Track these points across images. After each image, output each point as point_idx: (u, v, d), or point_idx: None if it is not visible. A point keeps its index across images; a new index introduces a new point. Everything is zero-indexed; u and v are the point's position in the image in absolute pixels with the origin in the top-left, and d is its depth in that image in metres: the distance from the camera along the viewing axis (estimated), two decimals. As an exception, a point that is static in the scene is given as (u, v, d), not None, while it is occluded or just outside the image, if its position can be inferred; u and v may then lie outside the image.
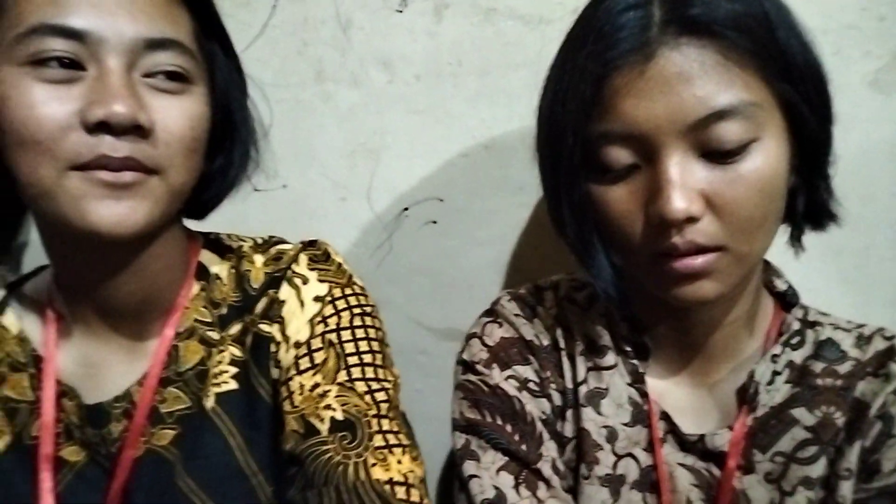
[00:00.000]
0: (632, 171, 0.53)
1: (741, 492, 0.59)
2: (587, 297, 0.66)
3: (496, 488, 0.58)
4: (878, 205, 0.77)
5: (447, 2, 0.83)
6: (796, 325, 0.62)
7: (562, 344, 0.64)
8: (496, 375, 0.62)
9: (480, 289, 0.86)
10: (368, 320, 0.62)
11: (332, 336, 0.60)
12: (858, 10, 0.75)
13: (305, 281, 0.62)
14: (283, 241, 0.66)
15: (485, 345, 0.64)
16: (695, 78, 0.49)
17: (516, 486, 0.58)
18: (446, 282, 0.88)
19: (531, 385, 0.62)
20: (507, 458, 0.59)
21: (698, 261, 0.52)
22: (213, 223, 0.66)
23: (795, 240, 0.59)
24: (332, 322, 0.61)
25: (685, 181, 0.50)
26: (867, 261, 0.78)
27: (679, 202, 0.50)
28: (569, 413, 0.63)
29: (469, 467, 0.59)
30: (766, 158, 0.51)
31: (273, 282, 0.62)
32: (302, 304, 0.61)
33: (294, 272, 0.62)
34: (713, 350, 0.61)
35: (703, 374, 0.62)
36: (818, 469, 0.58)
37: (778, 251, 0.59)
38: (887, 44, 0.74)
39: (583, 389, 0.62)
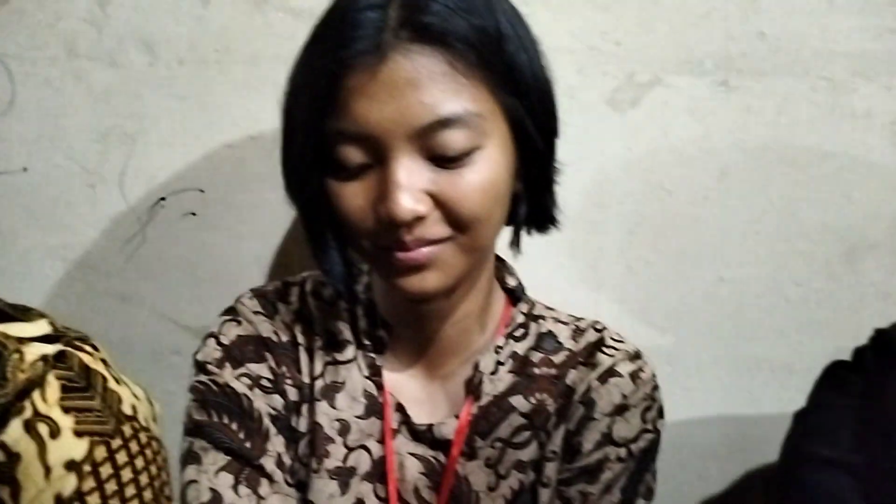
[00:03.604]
0: (365, 169, 0.53)
1: (463, 477, 0.62)
2: (332, 292, 0.67)
3: (213, 490, 0.56)
4: (610, 211, 0.85)
5: (214, -14, 0.80)
6: (520, 319, 0.66)
7: (301, 339, 0.64)
8: (227, 374, 0.61)
9: (242, 285, 0.82)
10: (145, 481, 0.49)
11: None
12: (599, 33, 0.82)
13: (55, 433, 0.44)
14: (25, 313, 0.47)
15: (220, 344, 0.62)
16: (423, 85, 0.50)
17: (235, 486, 0.56)
18: (206, 277, 0.84)
19: (263, 382, 0.61)
20: (229, 458, 0.58)
21: (422, 251, 0.53)
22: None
23: (514, 243, 0.62)
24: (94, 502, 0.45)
25: (412, 183, 0.51)
26: (599, 262, 0.86)
27: (405, 203, 0.51)
28: (304, 408, 0.63)
29: (189, 473, 0.58)
30: (489, 165, 0.53)
31: None
32: (47, 470, 0.44)
33: (38, 413, 0.44)
34: (446, 343, 0.64)
35: (437, 367, 0.65)
36: (530, 453, 0.62)
37: (526, 252, 0.62)
38: (622, 66, 0.82)
39: (319, 384, 0.63)
